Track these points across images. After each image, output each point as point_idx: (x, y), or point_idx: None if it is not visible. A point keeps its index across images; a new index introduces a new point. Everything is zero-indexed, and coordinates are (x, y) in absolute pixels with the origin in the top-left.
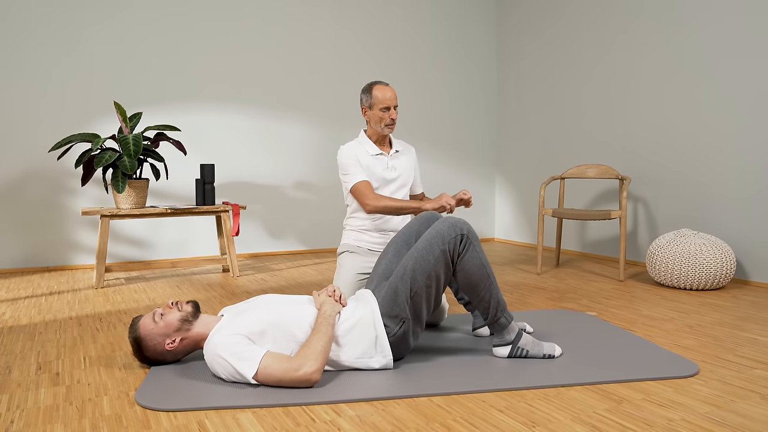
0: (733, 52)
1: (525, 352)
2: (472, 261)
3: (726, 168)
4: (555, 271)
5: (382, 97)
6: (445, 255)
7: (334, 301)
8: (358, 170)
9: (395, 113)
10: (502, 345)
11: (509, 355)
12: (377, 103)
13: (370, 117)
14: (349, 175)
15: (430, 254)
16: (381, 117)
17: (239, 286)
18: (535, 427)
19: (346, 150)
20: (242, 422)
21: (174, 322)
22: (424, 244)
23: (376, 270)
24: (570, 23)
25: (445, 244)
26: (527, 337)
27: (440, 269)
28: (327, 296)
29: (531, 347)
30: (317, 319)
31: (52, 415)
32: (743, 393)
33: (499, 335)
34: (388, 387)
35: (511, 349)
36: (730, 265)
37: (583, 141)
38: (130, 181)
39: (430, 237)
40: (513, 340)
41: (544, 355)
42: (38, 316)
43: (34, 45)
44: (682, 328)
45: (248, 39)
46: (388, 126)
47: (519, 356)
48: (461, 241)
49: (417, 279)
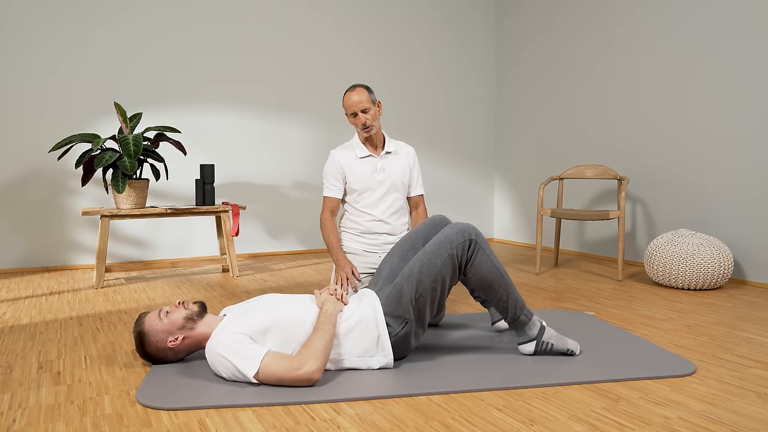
0: (732, 53)
1: (550, 346)
2: (483, 264)
3: (724, 168)
4: (553, 271)
5: (348, 104)
6: (452, 259)
7: (336, 299)
8: (331, 183)
9: (365, 117)
10: (527, 342)
11: (535, 350)
12: (347, 110)
13: (351, 123)
14: (324, 187)
15: (438, 258)
16: (354, 123)
17: (239, 286)
18: (533, 426)
19: (330, 159)
20: (243, 421)
21: (178, 320)
22: (432, 247)
23: (380, 271)
24: (568, 24)
25: (453, 249)
26: (550, 331)
27: (447, 273)
28: (329, 295)
29: (555, 341)
30: (319, 317)
31: (53, 414)
32: (740, 392)
33: (522, 332)
34: (388, 386)
35: (536, 345)
36: (727, 265)
37: (582, 141)
38: (130, 182)
39: (439, 241)
40: (536, 335)
41: (567, 350)
42: (39, 315)
43: (35, 45)
44: (680, 327)
45: (249, 40)
46: (363, 130)
47: (544, 351)
48: (469, 246)
49: (423, 281)
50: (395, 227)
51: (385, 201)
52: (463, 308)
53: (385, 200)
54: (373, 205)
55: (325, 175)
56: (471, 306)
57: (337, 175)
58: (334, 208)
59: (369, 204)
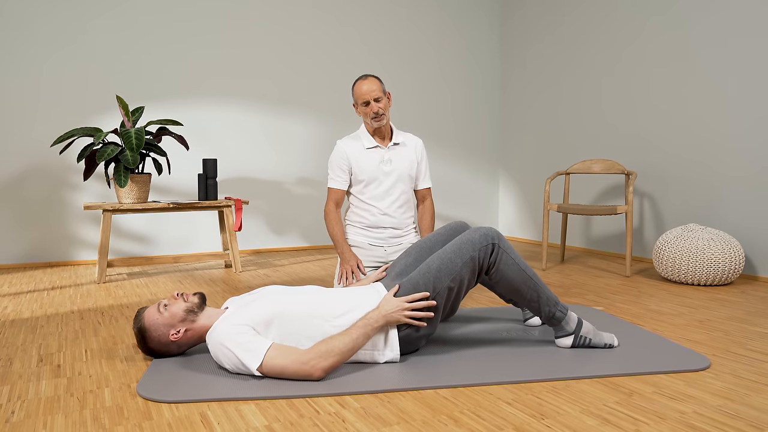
0: (738, 47)
1: (588, 340)
2: (509, 268)
3: (734, 162)
4: (560, 267)
5: (360, 92)
6: (473, 262)
7: (397, 304)
8: (337, 174)
9: (377, 105)
10: (564, 336)
11: (572, 344)
12: (358, 99)
13: (359, 113)
14: (329, 178)
15: (459, 258)
16: (365, 112)
17: (242, 281)
18: (544, 420)
19: (336, 149)
20: (245, 414)
21: (179, 313)
22: (454, 248)
23: (392, 269)
24: (574, 18)
25: (476, 251)
26: (588, 326)
27: (465, 275)
28: (397, 300)
29: (593, 336)
30: (363, 317)
31: (53, 406)
32: (756, 386)
33: (559, 328)
34: (394, 379)
35: (573, 339)
36: (738, 261)
37: (587, 137)
38: (133, 176)
39: (461, 242)
40: (574, 329)
41: (605, 345)
42: (40, 309)
43: (36, 39)
44: (691, 322)
45: (253, 34)
46: (374, 119)
47: (582, 345)
48: (492, 250)
49: (442, 279)
50: (401, 221)
51: (391, 193)
52: (469, 303)
53: (392, 192)
54: (379, 198)
55: (331, 166)
56: (477, 300)
57: (343, 166)
58: (339, 199)
59: (375, 196)
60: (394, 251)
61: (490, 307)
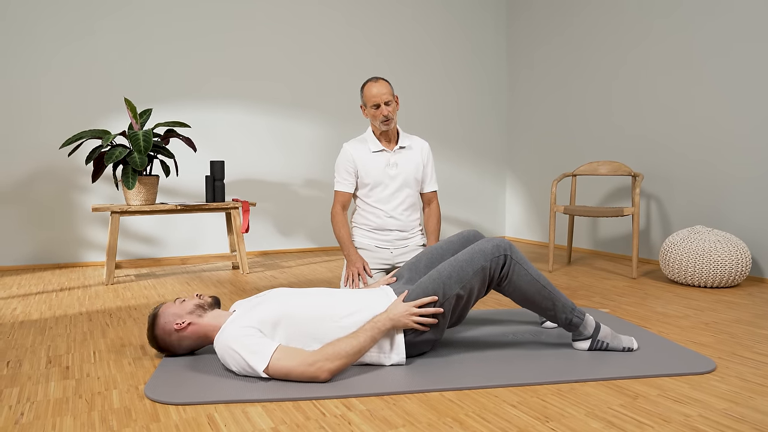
0: (745, 49)
1: (605, 344)
2: (522, 279)
3: (741, 164)
4: (566, 269)
5: (370, 95)
6: (484, 272)
7: (406, 309)
8: (343, 177)
9: (387, 109)
10: (582, 339)
11: (590, 348)
12: (368, 102)
13: (367, 115)
14: (335, 181)
15: (470, 267)
16: (374, 115)
17: (249, 283)
18: (548, 422)
19: (342, 152)
20: (252, 416)
21: (189, 306)
22: (466, 256)
23: (401, 274)
24: (581, 19)
25: (488, 262)
26: (606, 330)
27: (476, 284)
28: (405, 305)
29: (611, 340)
30: (371, 320)
31: (61, 408)
32: (762, 390)
33: (577, 332)
34: (400, 381)
35: (591, 343)
36: (745, 263)
37: (595, 138)
38: (140, 178)
39: (473, 251)
40: (592, 333)
41: (624, 348)
42: (49, 311)
43: (43, 41)
44: (697, 325)
45: (260, 36)
46: (383, 123)
47: (599, 349)
48: (504, 262)
49: (452, 286)
50: (407, 223)
51: (397, 197)
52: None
53: (398, 196)
54: (385, 201)
55: (337, 169)
56: (484, 302)
57: (349, 169)
58: (345, 202)
59: (381, 199)
60: (401, 253)
61: (497, 309)
